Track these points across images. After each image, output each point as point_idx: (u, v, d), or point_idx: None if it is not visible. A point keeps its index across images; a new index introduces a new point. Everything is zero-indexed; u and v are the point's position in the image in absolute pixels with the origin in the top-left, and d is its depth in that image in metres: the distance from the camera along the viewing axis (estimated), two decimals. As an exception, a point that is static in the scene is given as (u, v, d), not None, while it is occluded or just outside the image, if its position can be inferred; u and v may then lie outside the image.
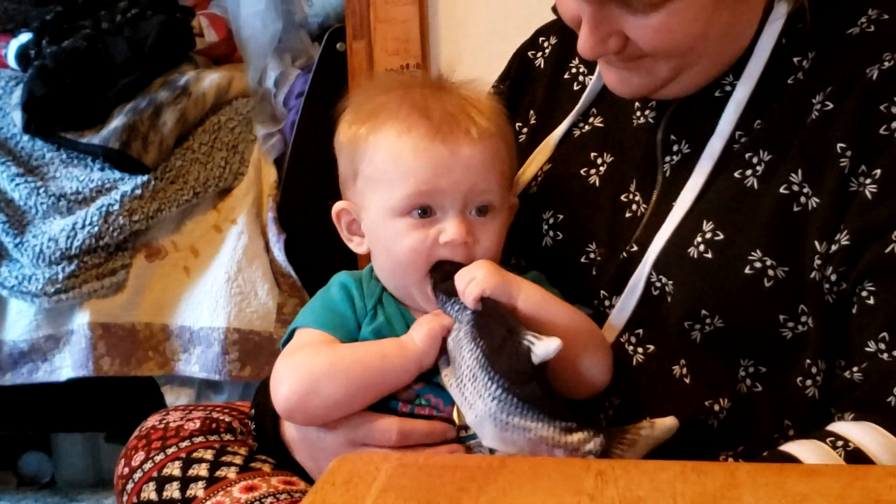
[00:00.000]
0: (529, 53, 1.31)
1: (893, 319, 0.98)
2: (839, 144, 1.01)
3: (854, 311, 1.00)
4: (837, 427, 0.97)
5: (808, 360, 1.02)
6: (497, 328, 0.98)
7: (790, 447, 0.97)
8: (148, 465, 1.16)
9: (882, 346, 0.97)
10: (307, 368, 1.05)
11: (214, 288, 2.18)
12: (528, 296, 1.02)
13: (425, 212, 1.06)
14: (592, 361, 1.05)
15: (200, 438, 1.18)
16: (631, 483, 0.79)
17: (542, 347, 0.94)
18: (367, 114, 1.09)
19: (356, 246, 1.14)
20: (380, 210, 1.09)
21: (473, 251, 1.07)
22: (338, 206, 1.14)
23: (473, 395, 0.97)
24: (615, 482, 0.79)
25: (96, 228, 2.13)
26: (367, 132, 1.09)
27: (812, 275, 1.01)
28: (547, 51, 1.29)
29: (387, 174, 1.07)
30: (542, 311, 1.02)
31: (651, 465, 0.83)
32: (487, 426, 0.96)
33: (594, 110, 1.21)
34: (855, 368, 0.99)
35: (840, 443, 0.95)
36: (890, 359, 0.97)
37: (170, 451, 1.16)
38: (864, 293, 0.99)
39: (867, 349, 0.98)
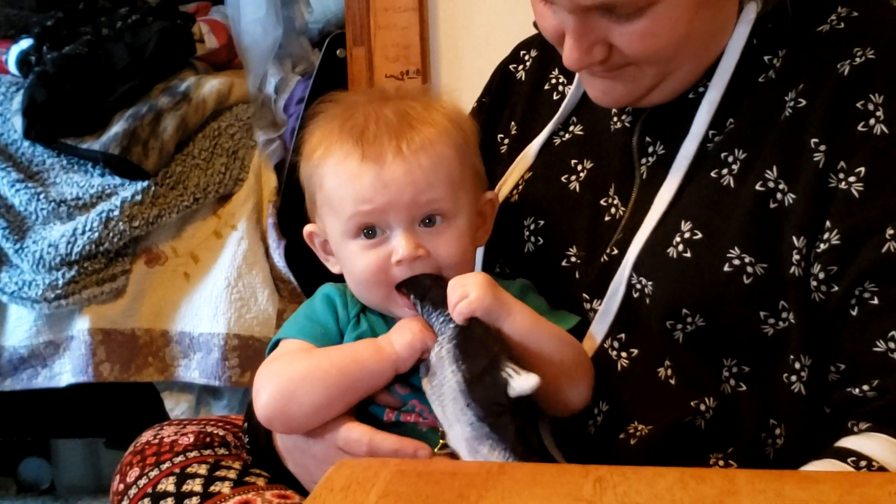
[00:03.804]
0: (511, 67, 1.32)
1: None
2: (813, 140, 1.02)
3: (855, 312, 1.00)
4: (855, 444, 0.97)
5: (791, 356, 1.02)
6: (481, 354, 0.99)
7: (810, 466, 0.97)
8: (143, 482, 1.16)
9: (892, 344, 0.98)
10: (285, 375, 1.06)
11: (214, 294, 2.18)
12: (516, 322, 1.03)
13: (372, 232, 1.08)
14: (573, 391, 1.06)
15: (195, 453, 1.18)
16: (630, 489, 0.79)
17: (520, 383, 0.95)
18: (316, 142, 1.11)
19: (332, 265, 1.16)
20: (335, 234, 1.11)
21: (431, 263, 1.08)
22: (308, 229, 1.17)
23: (452, 417, 0.98)
24: (614, 489, 0.79)
25: (96, 234, 2.13)
26: (316, 161, 1.11)
27: (791, 270, 1.01)
28: (527, 63, 1.30)
29: (333, 200, 1.09)
30: (528, 339, 1.03)
31: (649, 472, 0.83)
32: (462, 449, 0.98)
33: (574, 119, 1.22)
34: (866, 380, 0.99)
35: (864, 462, 0.95)
36: None
37: (164, 466, 1.16)
38: (867, 294, 0.99)
39: (876, 349, 0.98)
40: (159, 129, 2.20)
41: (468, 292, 1.02)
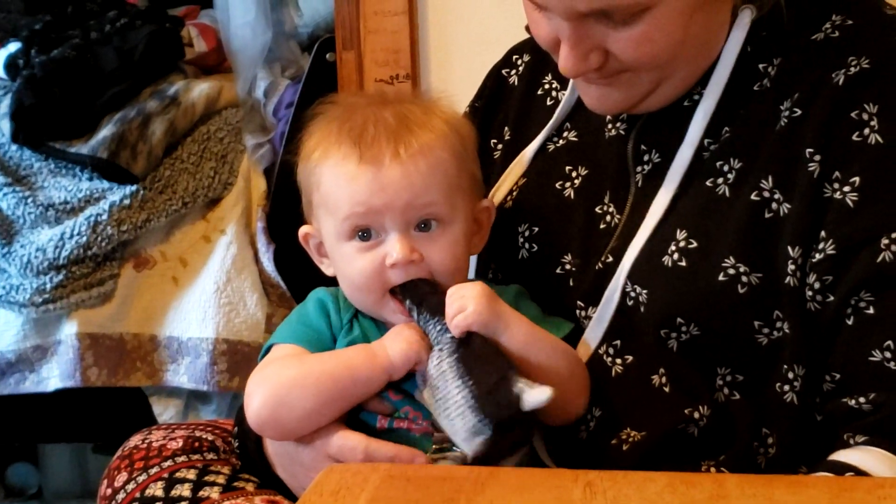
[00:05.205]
0: (503, 72, 1.32)
1: None
2: (808, 150, 1.02)
3: (850, 322, 1.00)
4: (852, 458, 0.97)
5: (785, 366, 1.02)
6: (489, 370, 0.98)
7: None
8: (131, 486, 1.15)
9: (888, 354, 0.98)
10: (277, 381, 1.06)
11: (203, 298, 2.17)
12: (513, 335, 1.02)
13: (367, 234, 1.07)
14: (570, 401, 1.06)
15: (183, 458, 1.18)
16: (619, 494, 0.79)
17: (535, 396, 0.95)
18: (315, 143, 1.11)
19: (326, 268, 1.16)
20: (330, 235, 1.10)
21: (425, 268, 1.07)
22: (303, 231, 1.16)
23: (462, 432, 0.98)
24: (604, 494, 0.79)
25: (84, 238, 2.12)
26: (314, 162, 1.11)
27: (787, 280, 1.01)
28: (520, 68, 1.30)
29: (329, 201, 1.09)
30: (525, 351, 1.02)
31: (639, 477, 0.83)
32: (477, 462, 0.97)
33: (568, 125, 1.22)
34: (862, 392, 0.98)
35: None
36: None
37: (152, 471, 1.16)
38: (862, 304, 0.99)
39: (872, 359, 0.98)
40: (148, 133, 2.19)
41: (466, 305, 1.01)
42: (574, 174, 1.18)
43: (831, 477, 0.94)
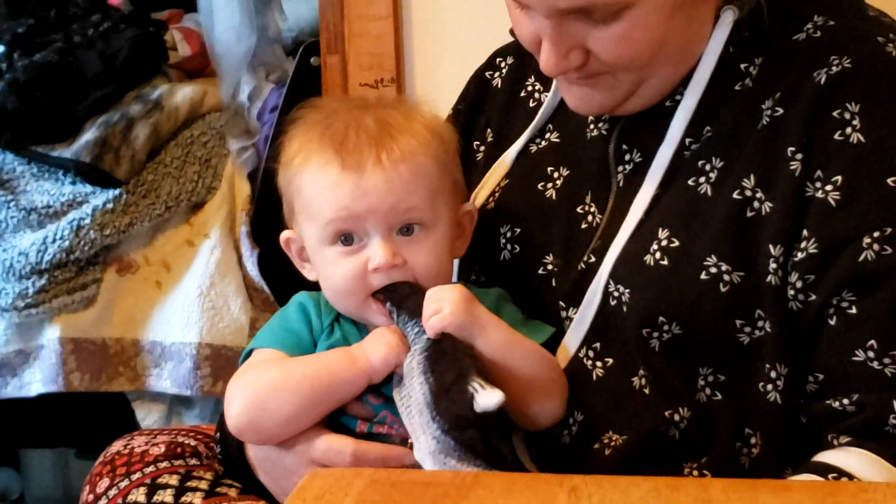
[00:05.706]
0: (487, 74, 1.32)
1: (880, 327, 0.98)
2: (790, 148, 1.02)
3: (833, 322, 1.00)
4: (835, 459, 0.97)
5: (767, 365, 1.02)
6: (449, 368, 0.98)
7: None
8: (113, 492, 1.15)
9: (871, 353, 0.98)
10: (256, 386, 1.06)
11: (186, 303, 2.17)
12: (490, 340, 1.03)
13: (349, 239, 1.08)
14: (546, 407, 1.07)
15: (165, 463, 1.17)
16: (604, 499, 0.79)
17: (485, 398, 0.95)
18: (296, 149, 1.12)
19: (308, 272, 1.16)
20: (312, 240, 1.11)
21: (408, 272, 1.08)
22: (284, 235, 1.17)
23: (419, 429, 0.98)
24: (588, 498, 0.79)
25: (67, 242, 2.11)
26: (296, 169, 1.11)
27: (768, 279, 1.01)
28: (504, 71, 1.30)
29: (311, 207, 1.09)
30: (501, 356, 1.03)
31: (624, 481, 0.83)
32: (427, 462, 0.97)
33: (550, 126, 1.22)
34: (845, 393, 0.99)
35: (844, 479, 0.95)
36: (880, 367, 0.98)
37: (134, 476, 1.15)
38: (845, 303, 0.99)
39: (855, 359, 0.99)
40: (131, 137, 2.19)
41: (443, 307, 1.02)
42: (556, 175, 1.18)
43: (816, 481, 0.94)
